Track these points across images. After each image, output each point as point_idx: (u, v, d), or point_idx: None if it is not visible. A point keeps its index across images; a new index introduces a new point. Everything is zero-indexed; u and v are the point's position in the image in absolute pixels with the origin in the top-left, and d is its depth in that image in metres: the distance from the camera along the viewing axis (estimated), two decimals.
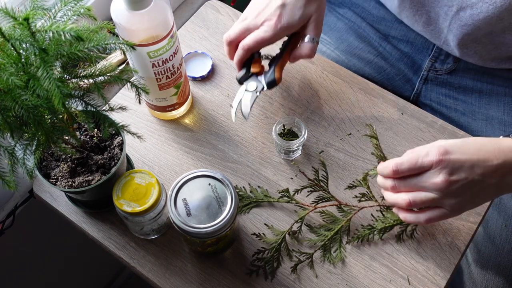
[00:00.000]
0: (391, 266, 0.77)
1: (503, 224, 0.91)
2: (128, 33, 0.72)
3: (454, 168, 0.66)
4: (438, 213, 0.69)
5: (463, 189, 0.66)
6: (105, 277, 1.51)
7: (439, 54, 0.98)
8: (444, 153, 0.66)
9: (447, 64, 0.98)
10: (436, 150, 0.66)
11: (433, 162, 0.66)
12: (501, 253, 0.91)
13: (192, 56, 0.96)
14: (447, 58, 0.97)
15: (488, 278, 0.91)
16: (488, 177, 0.66)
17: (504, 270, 0.91)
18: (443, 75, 0.99)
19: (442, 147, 0.66)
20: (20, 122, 0.59)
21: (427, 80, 1.00)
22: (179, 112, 0.89)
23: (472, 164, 0.66)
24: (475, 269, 0.93)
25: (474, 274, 0.93)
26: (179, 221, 0.68)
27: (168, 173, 0.85)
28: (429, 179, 0.67)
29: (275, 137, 0.82)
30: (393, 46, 1.02)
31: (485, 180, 0.66)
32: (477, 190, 0.67)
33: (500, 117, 0.96)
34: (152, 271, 0.78)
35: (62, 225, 0.93)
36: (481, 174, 0.66)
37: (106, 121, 0.67)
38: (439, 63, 0.98)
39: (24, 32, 0.55)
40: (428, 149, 0.67)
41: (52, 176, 0.74)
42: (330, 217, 0.79)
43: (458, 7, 0.86)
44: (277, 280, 0.77)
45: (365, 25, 1.04)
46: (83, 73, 0.63)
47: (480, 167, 0.66)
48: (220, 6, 1.01)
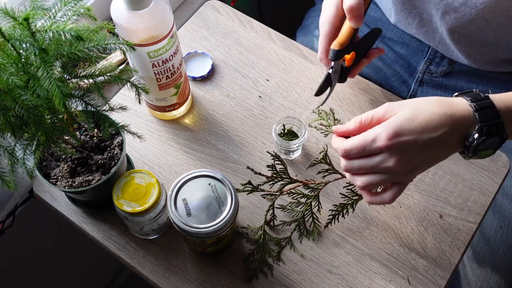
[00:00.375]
0: (391, 266, 0.77)
1: (498, 225, 0.91)
2: (128, 33, 0.72)
3: (405, 150, 0.64)
4: (398, 188, 0.68)
5: (417, 164, 0.66)
6: (105, 277, 1.51)
7: (434, 56, 0.98)
8: (394, 136, 0.63)
9: (442, 67, 0.98)
10: (385, 134, 0.64)
11: (381, 148, 0.64)
12: (496, 254, 0.91)
13: (192, 56, 0.96)
14: (442, 60, 0.97)
15: (483, 279, 0.92)
16: (440, 145, 0.65)
17: (499, 271, 0.91)
18: (438, 77, 0.99)
19: (391, 130, 0.64)
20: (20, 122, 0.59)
21: (422, 82, 1.01)
22: (179, 112, 0.89)
23: (424, 142, 0.64)
24: (470, 269, 0.94)
25: (469, 274, 0.94)
26: (179, 221, 0.68)
27: (168, 173, 0.85)
28: (381, 163, 0.65)
29: (275, 137, 0.82)
30: (389, 47, 1.02)
31: (437, 148, 0.65)
32: (430, 157, 0.66)
33: None
34: (152, 271, 0.78)
35: (62, 225, 0.93)
36: (433, 146, 0.65)
37: (106, 121, 0.67)
38: (434, 65, 0.99)
39: (24, 32, 0.55)
40: (377, 133, 0.65)
41: (52, 176, 0.74)
42: (298, 193, 0.80)
43: (443, 11, 0.87)
44: (277, 280, 0.77)
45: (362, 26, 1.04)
46: (83, 73, 0.63)
47: (433, 141, 0.64)
48: (220, 6, 1.01)
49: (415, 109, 0.65)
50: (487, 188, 0.83)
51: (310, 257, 0.78)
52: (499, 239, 0.91)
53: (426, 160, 0.66)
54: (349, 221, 0.81)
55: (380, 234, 0.80)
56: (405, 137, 0.64)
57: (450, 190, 0.83)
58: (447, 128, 0.64)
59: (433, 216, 0.81)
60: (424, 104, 0.65)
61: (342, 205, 0.79)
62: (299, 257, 0.78)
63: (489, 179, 0.83)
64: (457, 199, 0.82)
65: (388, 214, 0.81)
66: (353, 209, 0.79)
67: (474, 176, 0.84)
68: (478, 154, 0.66)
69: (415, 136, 0.64)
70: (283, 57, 0.96)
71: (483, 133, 0.63)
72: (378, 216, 0.81)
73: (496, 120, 0.64)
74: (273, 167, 0.79)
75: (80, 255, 1.28)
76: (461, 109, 0.65)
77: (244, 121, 0.89)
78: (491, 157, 0.85)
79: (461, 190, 0.83)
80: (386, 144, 0.64)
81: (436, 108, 0.65)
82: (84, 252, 1.25)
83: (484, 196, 0.82)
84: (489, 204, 0.81)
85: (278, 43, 0.97)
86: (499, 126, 0.64)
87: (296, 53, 0.96)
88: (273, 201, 0.79)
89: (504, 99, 0.66)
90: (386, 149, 0.64)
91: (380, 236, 0.80)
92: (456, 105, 0.65)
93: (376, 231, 0.80)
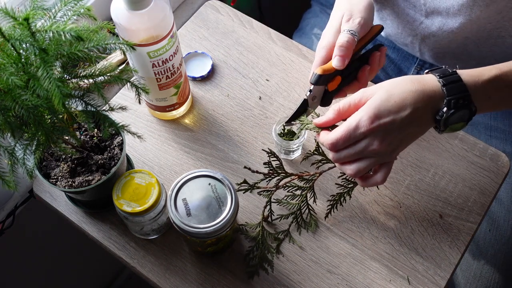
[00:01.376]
0: (391, 266, 0.77)
1: (487, 228, 0.92)
2: (128, 33, 0.72)
3: (386, 131, 0.66)
4: (387, 167, 0.70)
5: (398, 142, 0.68)
6: (105, 277, 1.51)
7: (424, 62, 0.98)
8: (374, 118, 0.65)
9: None
10: (366, 118, 0.66)
11: (365, 133, 0.66)
12: (485, 256, 0.92)
13: (192, 56, 0.96)
14: (432, 66, 0.97)
15: (472, 281, 0.92)
16: (415, 121, 0.67)
17: (487, 273, 0.91)
18: None
19: (372, 113, 0.66)
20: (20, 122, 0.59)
21: None
22: (179, 112, 0.89)
23: (401, 120, 0.66)
24: (459, 272, 0.94)
25: (459, 276, 0.94)
26: (179, 221, 0.68)
27: (168, 173, 0.85)
28: (366, 148, 0.67)
29: (275, 137, 0.82)
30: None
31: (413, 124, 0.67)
32: (409, 135, 0.68)
33: (486, 122, 0.97)
34: (152, 271, 0.78)
35: (62, 225, 0.93)
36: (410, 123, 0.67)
37: (106, 121, 0.67)
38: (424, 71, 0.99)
39: (24, 32, 0.55)
40: (357, 119, 0.66)
41: (52, 176, 0.74)
42: (293, 187, 0.81)
43: (422, 36, 0.90)
44: (277, 280, 0.77)
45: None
46: (83, 73, 0.63)
47: (409, 118, 0.66)
48: (220, 6, 1.01)
49: (389, 89, 0.67)
50: (487, 188, 0.83)
51: (310, 257, 0.78)
52: (488, 242, 0.91)
53: (406, 137, 0.68)
54: (349, 221, 0.81)
55: (380, 234, 0.80)
56: (384, 118, 0.66)
57: (450, 190, 0.83)
58: (420, 104, 0.66)
59: (433, 216, 0.81)
60: (397, 84, 0.68)
61: (339, 194, 0.80)
62: (299, 257, 0.78)
63: (489, 179, 0.83)
64: (457, 199, 0.82)
65: (388, 214, 0.81)
66: (349, 196, 0.81)
67: (474, 176, 0.84)
68: (450, 127, 0.68)
69: (393, 116, 0.66)
70: (283, 57, 0.96)
71: (451, 106, 0.66)
72: (378, 216, 0.81)
73: (464, 93, 0.66)
74: (269, 164, 0.80)
75: (80, 255, 1.28)
76: (430, 84, 0.67)
77: (244, 121, 0.89)
78: (491, 157, 0.85)
79: (461, 190, 0.83)
80: (368, 128, 0.66)
81: (408, 86, 0.67)
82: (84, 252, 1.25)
83: (484, 196, 0.82)
84: (489, 204, 0.81)
85: (278, 43, 0.97)
86: (466, 99, 0.66)
87: (296, 53, 0.96)
88: (270, 197, 0.80)
89: (471, 73, 0.68)
90: (369, 132, 0.66)
91: (380, 236, 0.80)
92: (426, 81, 0.68)
93: (376, 231, 0.80)
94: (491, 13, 0.80)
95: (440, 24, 0.86)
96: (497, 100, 0.70)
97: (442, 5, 0.84)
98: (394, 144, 0.67)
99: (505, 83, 0.69)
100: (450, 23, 0.84)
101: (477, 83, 0.67)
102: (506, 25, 0.82)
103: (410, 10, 0.89)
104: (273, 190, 0.80)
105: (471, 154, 0.85)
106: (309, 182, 0.80)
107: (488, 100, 0.69)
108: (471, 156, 0.85)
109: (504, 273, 0.91)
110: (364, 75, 0.78)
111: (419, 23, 0.89)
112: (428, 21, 0.87)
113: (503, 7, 0.79)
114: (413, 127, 0.67)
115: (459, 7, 0.82)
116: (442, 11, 0.84)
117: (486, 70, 0.69)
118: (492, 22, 0.82)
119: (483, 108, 0.69)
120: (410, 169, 0.85)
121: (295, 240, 0.79)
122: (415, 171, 0.84)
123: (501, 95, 0.70)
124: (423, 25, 0.88)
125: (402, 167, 0.85)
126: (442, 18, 0.85)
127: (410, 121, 0.66)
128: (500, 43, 0.85)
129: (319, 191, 0.83)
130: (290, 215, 0.80)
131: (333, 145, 0.68)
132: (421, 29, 0.89)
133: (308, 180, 0.81)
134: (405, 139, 0.68)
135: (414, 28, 0.90)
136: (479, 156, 0.85)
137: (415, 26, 0.89)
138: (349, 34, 0.75)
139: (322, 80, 0.76)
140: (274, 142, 0.85)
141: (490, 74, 0.68)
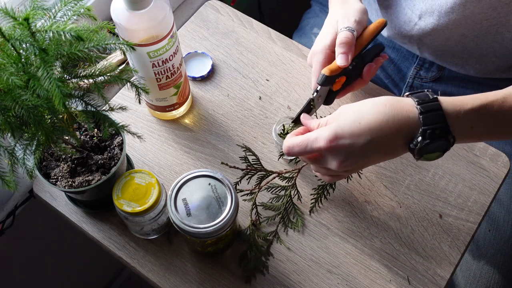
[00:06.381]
0: (391, 266, 0.77)
1: (487, 229, 0.92)
2: (128, 33, 0.72)
3: (345, 153, 0.64)
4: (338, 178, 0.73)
5: (360, 165, 0.67)
6: (105, 277, 1.51)
7: (424, 62, 0.98)
8: (333, 138, 0.63)
9: (431, 72, 0.98)
10: (325, 136, 0.64)
11: (321, 149, 0.65)
12: (485, 256, 0.92)
13: (192, 56, 0.96)
14: (432, 66, 0.98)
15: (471, 282, 0.92)
16: (381, 148, 0.64)
17: (487, 273, 0.91)
18: (428, 82, 0.99)
19: (332, 132, 0.64)
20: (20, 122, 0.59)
21: (412, 87, 1.01)
22: (179, 112, 0.89)
23: (362, 145, 0.63)
24: (459, 271, 0.94)
25: (459, 277, 0.94)
26: (179, 221, 0.68)
27: (168, 173, 0.85)
28: (325, 164, 0.67)
29: (275, 137, 0.82)
30: None
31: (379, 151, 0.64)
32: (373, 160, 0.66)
33: None
34: (152, 271, 0.78)
35: (62, 225, 0.93)
36: (373, 150, 0.64)
37: (106, 121, 0.67)
38: (424, 71, 0.99)
39: (24, 32, 0.55)
40: (318, 133, 0.65)
41: (52, 176, 0.74)
42: (276, 188, 0.81)
43: (418, 36, 0.90)
44: (277, 280, 0.77)
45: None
46: (83, 73, 0.63)
47: (373, 145, 0.63)
48: (220, 6, 1.01)
49: (360, 110, 0.64)
50: (487, 188, 0.83)
51: (310, 257, 0.78)
52: (487, 242, 0.91)
53: (368, 162, 0.66)
54: (349, 221, 0.81)
55: (380, 234, 0.80)
56: (344, 140, 0.63)
57: (450, 190, 0.83)
58: (388, 131, 0.62)
59: (433, 216, 0.81)
60: (370, 106, 0.64)
61: (321, 187, 0.80)
62: (299, 257, 0.78)
63: (489, 179, 0.83)
64: (457, 199, 0.82)
65: (388, 214, 0.81)
66: (333, 189, 0.81)
67: (474, 176, 0.84)
68: (424, 157, 0.64)
69: (353, 140, 0.63)
70: (283, 57, 0.96)
71: (426, 137, 0.61)
72: (378, 216, 0.81)
73: (441, 123, 0.62)
74: (246, 159, 0.80)
75: (80, 255, 1.28)
76: (405, 110, 0.63)
77: (244, 121, 0.89)
78: (491, 157, 0.85)
79: (461, 190, 0.83)
80: (325, 146, 0.64)
81: (380, 108, 0.63)
82: (84, 252, 1.25)
83: (484, 196, 0.82)
84: (489, 204, 0.81)
85: (278, 43, 0.97)
86: (444, 130, 0.62)
87: (296, 53, 0.96)
88: (254, 199, 0.80)
89: (454, 102, 0.63)
90: (326, 150, 0.65)
91: (380, 236, 0.80)
92: (402, 106, 0.63)
93: (376, 231, 0.80)
94: (486, 9, 0.80)
95: (434, 23, 0.86)
96: (482, 130, 0.65)
97: (434, 4, 0.84)
98: (355, 165, 0.65)
99: (490, 114, 0.64)
100: (443, 21, 0.84)
101: (458, 113, 0.62)
102: (503, 21, 0.82)
103: (407, 10, 0.89)
104: (255, 192, 0.80)
105: (471, 154, 0.85)
106: (290, 180, 0.81)
107: (470, 129, 0.64)
108: (471, 156, 0.85)
109: (504, 273, 0.91)
110: (369, 73, 0.78)
111: (413, 24, 0.89)
112: (421, 22, 0.87)
113: (497, 2, 0.79)
114: (379, 153, 0.64)
115: (452, 5, 0.82)
116: (435, 10, 0.84)
117: (470, 99, 0.64)
118: (488, 19, 0.82)
119: (465, 138, 0.65)
120: (410, 169, 0.85)
121: (283, 241, 0.79)
122: (415, 171, 0.84)
123: (486, 125, 0.65)
124: (417, 27, 0.88)
125: (402, 167, 0.85)
126: (435, 17, 0.85)
127: (375, 147, 0.63)
128: (500, 39, 0.85)
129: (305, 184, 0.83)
130: (277, 215, 0.80)
131: (288, 148, 0.69)
132: (416, 30, 0.89)
133: (289, 178, 0.81)
134: (367, 164, 0.67)
135: (409, 30, 0.90)
136: (479, 156, 0.85)
137: (410, 27, 0.90)
138: (347, 31, 0.75)
139: (329, 81, 0.76)
140: (274, 142, 0.85)
141: (474, 103, 0.63)
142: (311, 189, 0.82)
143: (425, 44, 0.91)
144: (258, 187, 0.81)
